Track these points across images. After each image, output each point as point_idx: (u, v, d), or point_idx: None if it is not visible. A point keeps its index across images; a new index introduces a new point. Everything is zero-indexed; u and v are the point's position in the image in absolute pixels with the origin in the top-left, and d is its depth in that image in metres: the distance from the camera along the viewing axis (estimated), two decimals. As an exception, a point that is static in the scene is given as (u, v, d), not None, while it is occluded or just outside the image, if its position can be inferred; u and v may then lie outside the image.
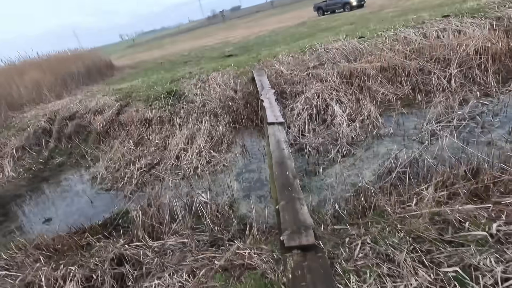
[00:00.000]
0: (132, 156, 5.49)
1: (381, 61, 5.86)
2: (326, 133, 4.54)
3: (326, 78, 5.93)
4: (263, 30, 23.62)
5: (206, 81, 7.33)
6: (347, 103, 5.38)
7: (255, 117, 5.94)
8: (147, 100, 7.25)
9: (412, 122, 4.52)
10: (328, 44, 7.19)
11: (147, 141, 6.01)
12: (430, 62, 5.64)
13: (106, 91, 9.49)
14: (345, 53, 6.44)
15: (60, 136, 7.30)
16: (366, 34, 7.13)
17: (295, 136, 4.76)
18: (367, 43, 6.51)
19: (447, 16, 6.80)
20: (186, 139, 5.55)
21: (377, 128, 4.52)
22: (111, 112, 7.27)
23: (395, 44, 6.21)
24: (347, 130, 4.47)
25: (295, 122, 5.08)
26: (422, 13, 9.16)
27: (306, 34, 14.03)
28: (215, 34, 36.31)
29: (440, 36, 6.07)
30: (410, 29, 6.55)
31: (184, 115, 6.41)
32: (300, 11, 41.96)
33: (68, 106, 8.49)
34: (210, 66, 9.06)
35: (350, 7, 21.25)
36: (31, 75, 10.25)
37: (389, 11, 14.37)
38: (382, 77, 5.72)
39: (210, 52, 17.06)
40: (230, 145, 5.36)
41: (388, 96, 5.45)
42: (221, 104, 6.38)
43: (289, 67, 6.69)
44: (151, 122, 6.46)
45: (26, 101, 9.73)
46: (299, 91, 5.91)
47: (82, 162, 6.20)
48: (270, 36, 17.53)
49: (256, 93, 6.25)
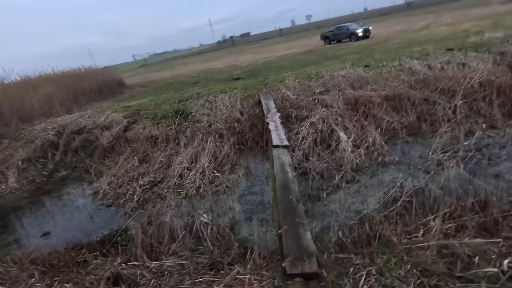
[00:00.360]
0: (135, 173, 5.49)
1: (386, 90, 5.96)
2: (330, 158, 4.53)
3: (332, 104, 6.02)
4: (271, 55, 24.37)
5: (213, 102, 7.47)
6: (352, 129, 5.41)
7: (260, 139, 5.98)
8: (154, 118, 7.37)
9: (418, 151, 4.51)
10: (334, 71, 7.37)
11: (152, 159, 6.04)
12: (435, 93, 5.72)
13: (115, 108, 9.70)
14: (350, 81, 6.58)
15: (67, 149, 7.38)
16: (372, 63, 7.31)
17: (300, 160, 4.76)
18: (372, 72, 6.66)
19: (451, 49, 6.98)
20: (190, 158, 5.57)
21: (382, 156, 4.50)
22: (119, 128, 7.39)
23: (400, 74, 6.34)
24: (351, 156, 4.46)
25: (300, 146, 5.09)
26: (427, 45, 9.43)
27: (313, 61, 14.43)
28: (224, 57, 37.51)
29: (445, 68, 6.20)
30: (415, 60, 6.71)
31: (190, 134, 6.49)
32: (307, 39, 43.44)
33: (77, 120, 8.66)
34: (218, 88, 9.28)
35: (356, 37, 21.97)
36: (44, 90, 10.58)
37: (394, 43, 14.81)
38: (387, 105, 5.78)
39: (218, 75, 17.54)
40: (234, 166, 5.35)
41: (393, 124, 5.47)
42: (227, 125, 6.45)
43: (296, 92, 6.82)
44: (157, 140, 6.52)
45: (38, 114, 9.96)
46: (305, 115, 5.98)
47: (86, 176, 6.21)
48: (277, 62, 18.04)
49: (262, 116, 6.34)
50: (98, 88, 15.44)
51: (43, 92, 10.26)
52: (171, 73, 27.66)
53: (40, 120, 9.65)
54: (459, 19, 22.05)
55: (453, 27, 16.51)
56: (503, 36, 7.02)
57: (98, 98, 14.85)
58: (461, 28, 15.21)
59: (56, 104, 10.57)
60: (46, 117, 10.09)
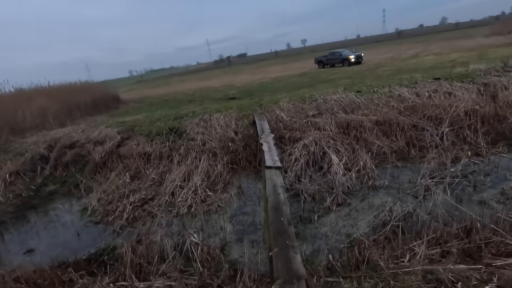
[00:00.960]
0: (126, 190, 5.45)
1: (377, 115, 6.17)
2: (322, 181, 4.60)
3: (324, 127, 6.18)
4: (266, 77, 24.99)
5: (208, 121, 7.58)
6: (344, 152, 5.53)
7: (253, 159, 6.04)
8: (148, 134, 7.41)
9: (407, 176, 4.62)
10: (327, 95, 7.61)
11: (144, 175, 6.02)
12: (423, 120, 5.94)
13: (109, 122, 9.72)
14: (343, 105, 6.80)
15: (57, 163, 7.29)
16: (363, 89, 7.60)
17: (292, 181, 4.82)
18: (363, 97, 6.92)
19: (438, 78, 7.33)
20: (183, 176, 5.58)
21: (373, 179, 4.60)
22: (112, 143, 7.38)
23: (390, 101, 6.60)
24: (343, 179, 4.55)
25: (292, 167, 5.17)
26: (415, 74, 9.88)
27: (307, 84, 14.86)
28: (221, 77, 38.23)
29: (432, 96, 6.48)
30: (404, 88, 7.01)
31: (184, 152, 6.52)
32: (302, 62, 44.79)
33: (70, 134, 8.62)
34: (213, 107, 9.44)
35: (348, 62, 22.85)
36: (38, 102, 10.58)
37: (385, 69, 15.45)
38: (377, 130, 5.96)
39: (214, 93, 17.83)
40: (227, 185, 5.37)
41: (384, 149, 5.62)
42: (221, 144, 6.52)
43: (289, 114, 7.00)
44: (150, 157, 6.53)
45: (30, 127, 9.89)
46: (298, 137, 6.11)
47: (75, 192, 6.12)
48: (272, 83, 18.50)
49: (256, 136, 6.44)
50: (93, 103, 15.49)
51: (37, 105, 10.25)
52: (167, 90, 27.98)
53: (31, 133, 9.58)
54: (446, 49, 23.22)
55: (440, 57, 17.37)
56: (486, 68, 7.42)
57: (93, 112, 14.87)
58: (448, 58, 16.02)
59: (49, 117, 10.54)
60: (38, 130, 10.03)
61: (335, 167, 4.94)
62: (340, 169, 4.86)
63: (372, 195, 4.23)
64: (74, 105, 13.31)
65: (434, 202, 3.55)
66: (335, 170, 4.88)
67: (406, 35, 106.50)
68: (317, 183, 4.57)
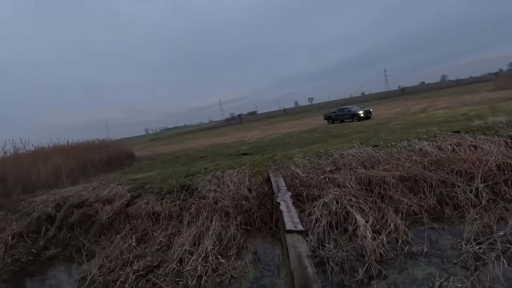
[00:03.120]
0: (131, 255, 4.98)
1: (399, 170, 5.79)
2: (349, 246, 4.05)
3: (344, 183, 5.79)
4: (277, 133, 25.46)
5: (221, 178, 7.32)
6: (369, 211, 5.05)
7: (269, 219, 5.58)
8: (159, 192, 7.14)
9: (447, 240, 4.04)
10: (343, 150, 7.37)
11: (151, 238, 5.57)
12: (451, 175, 5.51)
13: (121, 180, 9.59)
14: (361, 160, 6.49)
15: (62, 224, 6.95)
16: (380, 143, 7.36)
17: (314, 246, 4.28)
18: (382, 152, 6.63)
19: (458, 131, 7.07)
20: (193, 239, 5.11)
21: (408, 245, 4.02)
22: (121, 202, 7.09)
23: (411, 155, 6.27)
24: (373, 244, 4.00)
25: (314, 229, 4.67)
26: (430, 127, 9.70)
27: (318, 139, 14.85)
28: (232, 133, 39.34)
29: (456, 150, 6.14)
30: (424, 141, 6.74)
31: (195, 211, 6.13)
32: (310, 118, 46.16)
33: (80, 193, 8.44)
34: (226, 163, 9.27)
35: (358, 118, 23.23)
36: (55, 160, 10.73)
37: (396, 124, 15.45)
38: (402, 186, 5.52)
39: (226, 150, 17.98)
40: (241, 250, 4.84)
41: (413, 207, 5.11)
42: (234, 202, 6.14)
43: (305, 170, 6.69)
44: (159, 217, 6.14)
45: (42, 185, 9.84)
46: (316, 194, 5.70)
47: (76, 256, 5.64)
48: (283, 139, 18.65)
49: (271, 194, 6.07)
50: (108, 160, 15.73)
51: (53, 163, 10.36)
52: (180, 147, 28.64)
53: (43, 191, 9.47)
54: (454, 104, 23.55)
55: (450, 111, 17.47)
56: (507, 120, 7.18)
57: (107, 169, 14.98)
58: (458, 112, 16.06)
59: (63, 175, 10.55)
60: (50, 188, 9.94)
61: (362, 230, 4.42)
62: (368, 232, 4.32)
63: (412, 265, 3.62)
64: (88, 162, 13.48)
65: (492, 276, 2.95)
66: (363, 233, 4.35)
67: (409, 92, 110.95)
68: (344, 249, 4.02)
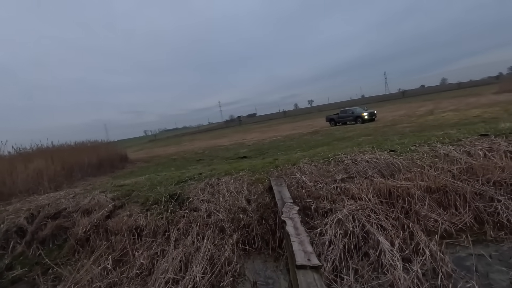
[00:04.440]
0: (103, 283, 4.08)
1: (425, 180, 4.92)
2: (376, 282, 3.17)
3: (360, 195, 4.92)
4: (277, 135, 24.59)
5: (215, 186, 6.43)
6: (391, 230, 4.17)
7: (271, 238, 4.70)
8: (145, 203, 6.24)
9: (501, 274, 3.16)
10: (354, 154, 6.51)
11: (130, 260, 4.67)
12: (488, 186, 4.64)
13: (106, 186, 8.68)
14: (378, 167, 5.61)
15: (33, 239, 6.04)
16: (396, 147, 6.49)
17: (329, 279, 3.39)
18: (401, 158, 5.76)
19: (485, 135, 6.22)
20: (179, 263, 4.21)
21: (451, 279, 3.14)
22: (101, 214, 6.18)
23: (436, 161, 5.41)
24: (407, 279, 3.11)
25: (327, 254, 3.78)
26: (446, 130, 8.83)
27: (322, 142, 13.98)
28: (231, 135, 38.50)
29: (489, 156, 5.27)
30: (449, 146, 5.87)
31: (184, 226, 5.24)
32: (310, 121, 45.38)
33: (58, 200, 7.53)
34: (223, 168, 8.39)
35: (362, 120, 22.37)
36: (36, 164, 9.82)
37: (405, 126, 14.58)
38: (430, 199, 4.65)
39: (224, 152, 17.09)
40: (237, 279, 3.95)
41: (444, 225, 4.24)
42: (230, 216, 5.25)
43: (313, 178, 5.82)
44: (142, 233, 5.25)
45: (20, 191, 8.91)
46: (327, 208, 4.82)
47: (42, 280, 4.74)
48: (284, 141, 17.77)
49: (273, 206, 5.19)
50: (98, 163, 14.81)
51: (33, 167, 9.45)
52: (176, 149, 27.73)
53: (19, 199, 8.56)
54: (461, 106, 22.71)
55: (460, 113, 16.62)
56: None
57: (96, 173, 14.06)
58: (470, 114, 15.21)
59: (44, 180, 9.63)
60: (28, 195, 9.03)
61: (388, 256, 3.54)
62: (397, 260, 3.44)
63: (462, 311, 2.74)
64: (76, 165, 12.56)
65: None
66: (389, 260, 3.47)
67: (410, 94, 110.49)
68: (368, 285, 3.13)
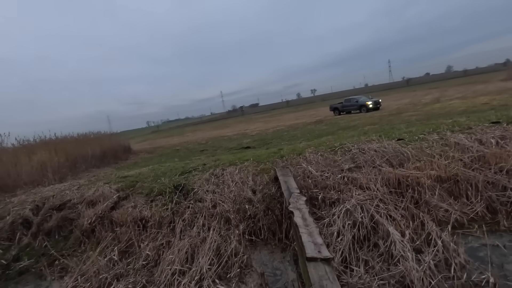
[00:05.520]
0: (110, 274, 4.06)
1: (435, 169, 4.79)
2: (387, 274, 3.09)
3: (368, 184, 4.81)
4: (281, 125, 24.41)
5: (220, 177, 6.36)
6: (400, 220, 4.08)
7: (277, 228, 4.64)
8: (149, 194, 6.20)
9: (516, 264, 3.07)
10: (361, 143, 6.37)
11: (136, 251, 4.65)
12: (500, 175, 4.50)
13: (111, 177, 8.66)
14: (386, 156, 5.49)
15: (39, 230, 6.05)
16: (405, 136, 6.34)
17: (339, 270, 3.32)
18: (410, 146, 5.61)
19: (497, 122, 6.04)
20: (185, 254, 4.18)
21: (465, 270, 3.05)
22: (106, 205, 6.16)
23: (446, 150, 5.26)
24: (419, 270, 3.03)
25: (335, 245, 3.71)
26: (454, 118, 8.63)
27: (326, 132, 13.82)
28: (234, 126, 38.34)
29: (502, 144, 5.11)
30: (459, 134, 5.71)
31: (189, 217, 5.20)
32: (314, 110, 44.98)
33: (63, 192, 7.52)
34: (227, 159, 8.31)
35: (366, 109, 22.08)
36: (40, 156, 9.81)
37: (410, 115, 14.33)
38: (440, 188, 4.54)
39: (227, 143, 17.00)
40: (244, 270, 3.90)
41: (455, 215, 4.13)
42: (236, 206, 5.19)
43: (319, 168, 5.71)
44: (147, 224, 5.22)
45: (24, 183, 8.93)
46: (335, 198, 4.73)
47: (49, 272, 4.75)
48: (288, 131, 17.62)
49: (279, 197, 5.11)
50: (102, 154, 14.81)
51: (37, 158, 9.44)
52: (180, 140, 27.70)
53: (24, 190, 8.58)
54: (468, 94, 22.26)
55: (468, 101, 16.27)
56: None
57: (100, 164, 14.08)
58: (478, 101, 14.88)
59: (49, 172, 9.63)
60: (33, 187, 9.05)
61: (398, 247, 3.46)
62: (408, 251, 3.36)
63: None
64: (80, 157, 12.56)
65: None
66: (400, 251, 3.39)
67: (415, 83, 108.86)
68: (379, 276, 3.06)
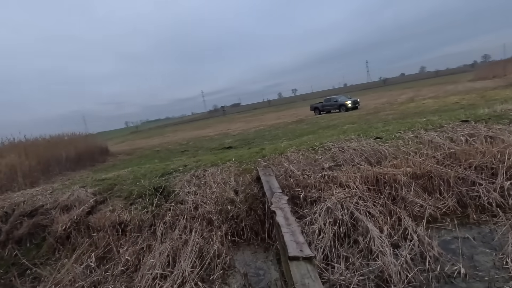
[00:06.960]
0: (86, 283, 3.90)
1: (410, 166, 4.99)
2: (367, 269, 3.18)
3: (348, 182, 4.93)
4: (262, 124, 24.50)
5: (202, 178, 6.28)
6: (379, 216, 4.22)
7: (260, 228, 4.66)
8: (128, 197, 6.01)
9: (485, 255, 3.25)
10: (340, 142, 6.52)
11: (115, 256, 4.50)
12: (470, 171, 4.76)
13: (87, 181, 8.31)
14: (365, 155, 5.65)
15: (8, 239, 5.70)
16: (382, 135, 6.56)
17: (320, 267, 3.38)
18: (387, 145, 5.82)
19: (466, 121, 6.38)
20: (167, 257, 4.09)
21: (438, 262, 3.20)
22: (82, 209, 5.90)
23: (421, 148, 5.50)
24: (397, 264, 3.14)
25: (317, 243, 3.77)
26: (427, 117, 9.04)
27: (307, 131, 14.03)
28: (215, 126, 38.04)
29: (470, 142, 5.41)
30: (433, 132, 5.98)
31: (170, 219, 5.09)
32: (295, 109, 45.51)
33: (35, 197, 7.13)
34: (208, 159, 8.23)
35: (345, 108, 22.64)
36: (8, 159, 9.24)
37: (387, 114, 14.85)
38: (415, 185, 4.73)
39: (209, 143, 16.84)
40: (227, 271, 3.88)
41: (429, 210, 4.33)
42: (218, 207, 5.14)
43: (300, 167, 5.78)
44: (127, 228, 5.05)
45: (-9, 189, 8.37)
46: (316, 196, 4.81)
47: (18, 283, 4.48)
48: (270, 131, 17.72)
49: (261, 197, 5.12)
50: (77, 157, 14.19)
51: (6, 162, 8.89)
52: (160, 140, 27.08)
53: (-9, 196, 8.05)
54: (440, 93, 23.41)
55: (440, 100, 17.11)
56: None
57: (75, 167, 13.49)
58: (448, 101, 15.68)
59: (19, 176, 9.10)
60: (1, 193, 8.53)
61: (377, 243, 3.57)
62: (386, 246, 3.48)
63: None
64: (53, 160, 11.97)
65: None
66: (379, 247, 3.50)
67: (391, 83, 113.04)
68: (359, 273, 3.14)
